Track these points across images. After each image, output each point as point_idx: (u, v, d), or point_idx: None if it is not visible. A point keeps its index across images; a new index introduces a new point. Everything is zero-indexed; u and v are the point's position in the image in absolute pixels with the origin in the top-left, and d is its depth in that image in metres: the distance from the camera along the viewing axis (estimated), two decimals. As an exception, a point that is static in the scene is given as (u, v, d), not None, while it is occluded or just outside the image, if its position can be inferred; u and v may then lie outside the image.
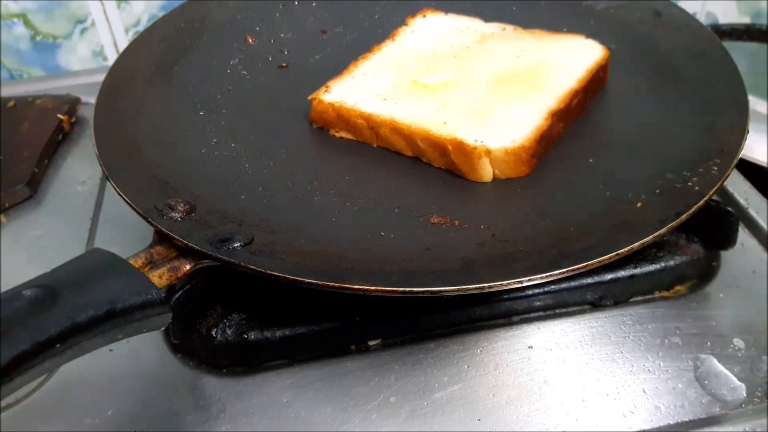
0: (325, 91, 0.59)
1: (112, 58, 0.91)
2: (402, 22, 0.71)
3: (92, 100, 0.58)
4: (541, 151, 0.53)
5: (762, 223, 0.59)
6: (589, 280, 0.51)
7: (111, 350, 0.49)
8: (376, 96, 0.58)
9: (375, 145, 0.56)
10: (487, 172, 0.52)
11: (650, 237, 0.43)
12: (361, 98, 0.57)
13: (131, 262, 0.41)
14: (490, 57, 0.61)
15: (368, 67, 0.62)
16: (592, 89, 0.59)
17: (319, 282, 0.41)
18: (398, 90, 0.58)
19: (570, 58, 0.60)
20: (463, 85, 0.58)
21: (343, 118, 0.56)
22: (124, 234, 0.58)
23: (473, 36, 0.65)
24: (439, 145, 0.52)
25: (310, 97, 0.58)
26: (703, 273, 0.55)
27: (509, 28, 0.66)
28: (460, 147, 0.51)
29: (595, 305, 0.52)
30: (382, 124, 0.55)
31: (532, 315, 0.52)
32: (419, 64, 0.61)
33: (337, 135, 0.58)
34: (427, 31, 0.67)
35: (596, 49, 0.61)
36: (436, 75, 0.59)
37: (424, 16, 0.69)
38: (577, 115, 0.57)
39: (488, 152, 0.51)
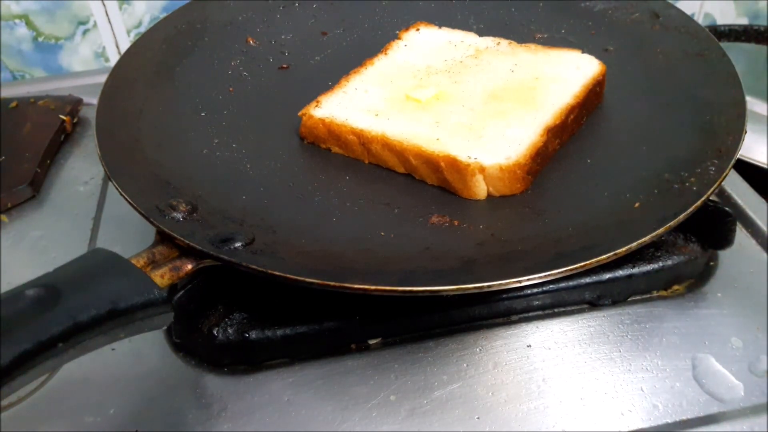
0: (316, 105, 0.57)
1: (113, 59, 0.91)
2: (402, 24, 0.71)
3: (94, 101, 0.58)
4: (537, 168, 0.52)
5: (759, 223, 0.59)
6: (588, 280, 0.52)
7: (113, 349, 0.50)
8: (368, 111, 0.56)
9: (366, 162, 0.55)
10: (480, 189, 0.51)
11: (648, 237, 0.43)
12: (352, 113, 0.56)
13: (133, 261, 0.42)
14: (485, 72, 0.60)
15: (360, 81, 0.60)
16: (589, 105, 0.58)
17: (319, 281, 0.41)
18: (391, 105, 0.57)
19: (566, 74, 0.59)
20: (456, 101, 0.57)
21: (333, 133, 0.55)
22: (126, 234, 0.58)
23: (467, 50, 0.64)
24: (431, 162, 0.51)
25: (300, 113, 0.57)
26: (701, 273, 0.55)
27: (504, 42, 0.64)
28: (453, 164, 0.50)
29: (594, 304, 0.53)
30: (374, 140, 0.53)
31: (531, 314, 0.52)
32: (412, 79, 0.60)
33: (332, 150, 0.57)
34: (420, 44, 0.65)
35: (593, 64, 0.60)
36: (429, 90, 0.58)
37: (418, 29, 0.67)
38: (573, 131, 0.56)
39: (482, 169, 0.50)
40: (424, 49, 0.65)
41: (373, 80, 0.61)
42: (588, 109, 0.58)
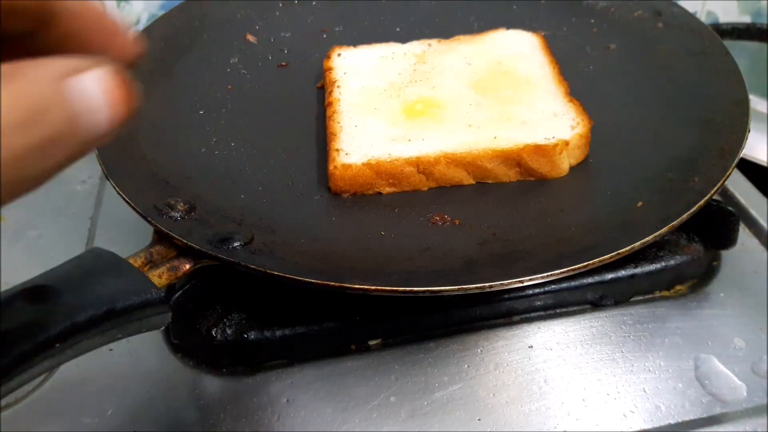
0: (341, 154, 0.51)
1: (111, 57, 0.91)
2: (401, 21, 0.71)
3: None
4: None
5: (762, 222, 0.59)
6: (590, 280, 0.51)
7: (111, 350, 0.49)
8: (394, 140, 0.52)
9: (426, 189, 0.51)
10: (566, 164, 0.52)
11: (651, 236, 0.43)
12: (385, 147, 0.52)
13: (131, 261, 0.41)
14: (446, 72, 0.59)
15: (348, 119, 0.55)
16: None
17: (319, 281, 0.41)
18: (406, 127, 0.54)
19: (517, 50, 0.62)
20: (458, 103, 0.56)
21: (384, 173, 0.50)
22: (124, 233, 0.58)
23: (410, 59, 0.62)
24: (510, 158, 0.51)
25: (331, 168, 0.51)
26: (704, 272, 0.55)
27: (433, 42, 0.64)
28: (537, 150, 0.50)
29: (596, 305, 0.52)
30: (437, 162, 0.50)
31: (533, 314, 0.52)
32: (390, 99, 0.57)
33: (384, 193, 0.51)
34: (357, 67, 0.61)
35: (530, 36, 0.63)
36: (423, 99, 0.56)
37: (339, 54, 0.63)
38: None
39: (566, 143, 0.51)
40: (367, 70, 0.61)
41: (359, 113, 0.56)
42: None
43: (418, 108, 0.56)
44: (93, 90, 0.22)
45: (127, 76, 0.23)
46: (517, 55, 0.61)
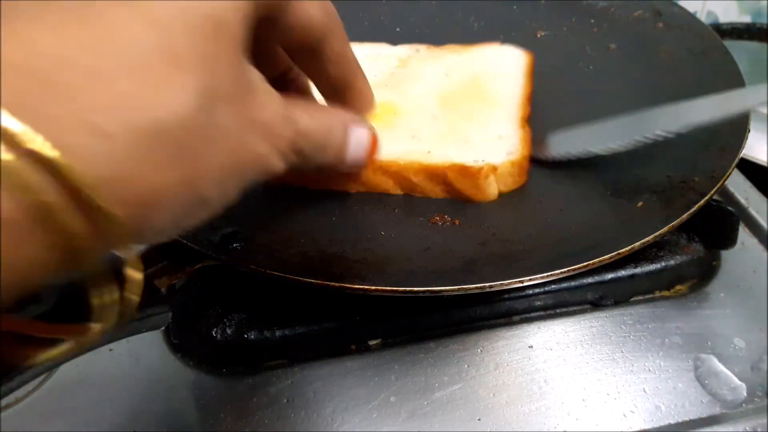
0: None
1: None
2: (401, 22, 0.71)
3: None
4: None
5: (762, 222, 0.59)
6: (590, 280, 0.51)
7: (111, 350, 0.49)
8: None
9: (353, 192, 0.51)
10: (493, 189, 0.50)
11: (651, 236, 0.43)
12: None
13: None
14: (421, 80, 0.59)
15: None
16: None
17: (319, 281, 0.41)
18: None
19: (500, 68, 0.59)
20: (413, 112, 0.55)
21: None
22: (124, 233, 0.58)
23: (391, 61, 0.62)
24: (437, 175, 0.49)
25: None
26: (704, 272, 0.55)
27: (422, 48, 0.63)
28: (463, 171, 0.48)
29: (596, 305, 0.52)
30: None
31: (533, 314, 0.52)
32: None
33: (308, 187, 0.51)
34: None
35: (520, 54, 0.61)
36: (383, 104, 0.54)
37: None
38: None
39: (494, 169, 0.49)
40: None
41: None
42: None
43: (375, 112, 0.56)
44: (359, 139, 0.36)
45: (377, 136, 0.39)
46: (498, 73, 0.59)
